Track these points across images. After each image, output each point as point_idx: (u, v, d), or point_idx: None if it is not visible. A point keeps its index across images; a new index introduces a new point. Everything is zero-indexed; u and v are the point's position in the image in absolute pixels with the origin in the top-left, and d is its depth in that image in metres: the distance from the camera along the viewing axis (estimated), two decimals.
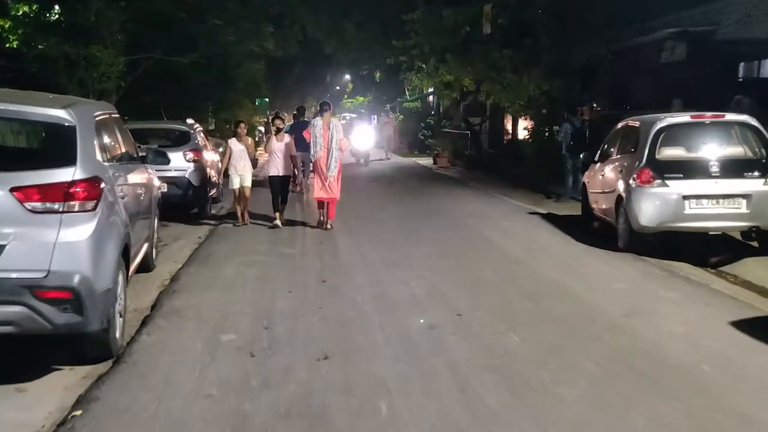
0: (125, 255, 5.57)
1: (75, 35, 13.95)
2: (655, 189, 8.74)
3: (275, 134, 11.46)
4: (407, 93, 41.21)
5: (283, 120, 12.45)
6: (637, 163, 8.99)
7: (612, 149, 10.48)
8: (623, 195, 9.15)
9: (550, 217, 12.46)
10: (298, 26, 28.04)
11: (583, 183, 11.87)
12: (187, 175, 12.23)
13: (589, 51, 17.98)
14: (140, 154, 7.70)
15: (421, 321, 6.08)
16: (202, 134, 14.20)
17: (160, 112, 15.86)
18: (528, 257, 8.84)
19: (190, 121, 13.66)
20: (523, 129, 25.71)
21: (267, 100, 36.19)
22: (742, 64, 16.97)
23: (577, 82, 18.19)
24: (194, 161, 12.39)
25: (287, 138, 11.40)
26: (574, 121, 15.61)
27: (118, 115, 6.92)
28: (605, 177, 10.25)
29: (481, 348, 5.41)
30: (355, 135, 23.62)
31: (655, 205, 8.72)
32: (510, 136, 27.19)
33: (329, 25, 28.23)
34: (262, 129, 42.95)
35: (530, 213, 13.00)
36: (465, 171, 22.89)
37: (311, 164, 11.70)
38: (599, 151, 11.17)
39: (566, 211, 13.48)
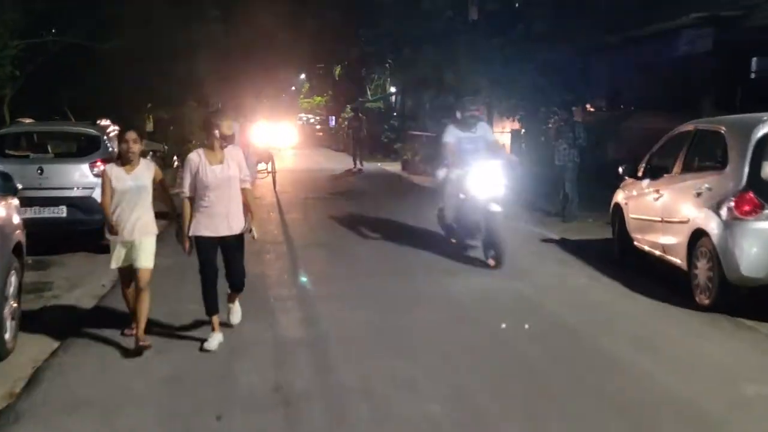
0: None
1: None
2: (763, 223, 6.03)
3: (208, 149, 5.60)
4: (369, 92, 38.43)
5: (230, 125, 6.08)
6: (731, 184, 6.25)
7: (670, 162, 7.74)
8: (708, 230, 6.40)
9: (568, 247, 9.73)
10: (248, 17, 24.99)
11: (616, 205, 9.15)
12: (94, 195, 9.14)
13: (590, 41, 15.36)
14: None
15: None
16: None
17: (81, 109, 12.77)
18: (580, 323, 6.02)
19: (104, 122, 10.57)
20: (501, 131, 23.19)
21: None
22: (755, 58, 14.63)
23: (580, 78, 15.56)
24: None
25: (235, 156, 5.68)
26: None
27: None
28: (664, 201, 7.50)
29: None
30: (475, 173, 8.75)
31: (765, 245, 6.00)
32: None
33: (283, 14, 25.13)
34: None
35: (543, 241, 10.24)
36: None
37: None
38: (643, 165, 8.47)
39: (579, 234, 10.89)
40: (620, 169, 8.79)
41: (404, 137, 26.50)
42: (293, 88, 60.61)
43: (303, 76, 53.97)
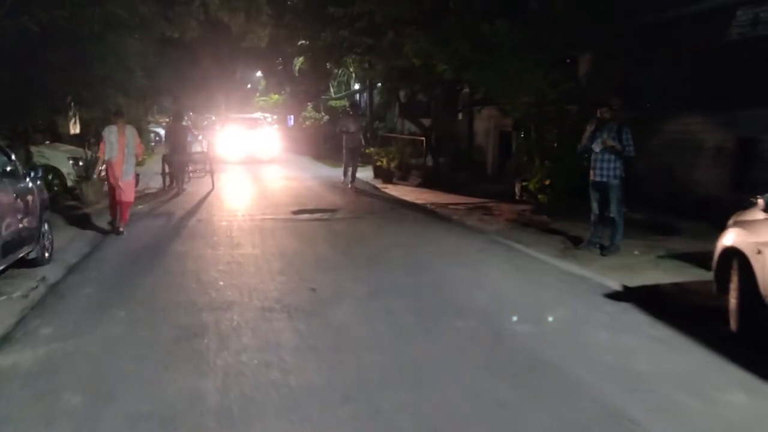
0: None
1: None
2: None
3: None
4: (332, 89, 35.14)
5: None
6: None
7: None
8: None
9: (644, 303, 6.68)
10: (198, 2, 21.50)
11: (730, 251, 6.08)
12: None
13: (615, 25, 12.37)
14: None
15: None
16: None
17: None
18: None
19: None
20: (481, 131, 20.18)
21: None
22: None
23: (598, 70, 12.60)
24: None
25: None
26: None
27: None
28: None
29: None
30: None
31: None
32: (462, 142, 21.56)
33: None
34: (160, 132, 35.53)
35: (606, 296, 7.12)
36: (426, 191, 16.97)
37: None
38: None
39: (634, 275, 8.04)
40: (761, 202, 5.70)
41: (375, 140, 23.25)
42: (249, 86, 56.84)
43: (259, 73, 50.43)
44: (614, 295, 7.15)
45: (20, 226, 7.44)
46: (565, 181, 12.53)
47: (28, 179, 8.42)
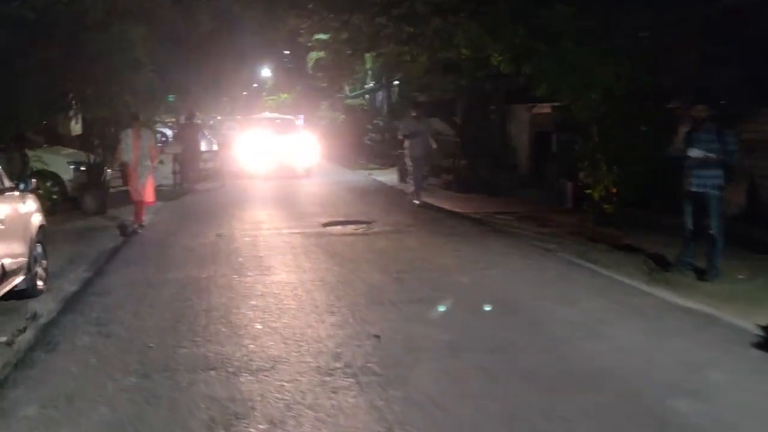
0: None
1: None
2: None
3: None
4: (347, 87, 33.57)
5: None
6: None
7: None
8: None
9: None
10: None
11: None
12: None
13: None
14: None
15: None
16: None
17: None
18: None
19: None
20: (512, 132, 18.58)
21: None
22: None
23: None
24: None
25: None
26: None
27: None
28: None
29: None
30: None
31: None
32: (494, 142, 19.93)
33: None
34: (167, 133, 34.01)
35: (754, 346, 5.50)
36: (462, 196, 15.43)
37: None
38: None
39: (756, 309, 6.78)
40: None
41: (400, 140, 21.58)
42: (255, 85, 55.18)
43: (268, 71, 48.83)
44: (762, 344, 5.55)
45: (3, 254, 5.87)
46: (634, 189, 11.03)
47: (16, 192, 6.87)
